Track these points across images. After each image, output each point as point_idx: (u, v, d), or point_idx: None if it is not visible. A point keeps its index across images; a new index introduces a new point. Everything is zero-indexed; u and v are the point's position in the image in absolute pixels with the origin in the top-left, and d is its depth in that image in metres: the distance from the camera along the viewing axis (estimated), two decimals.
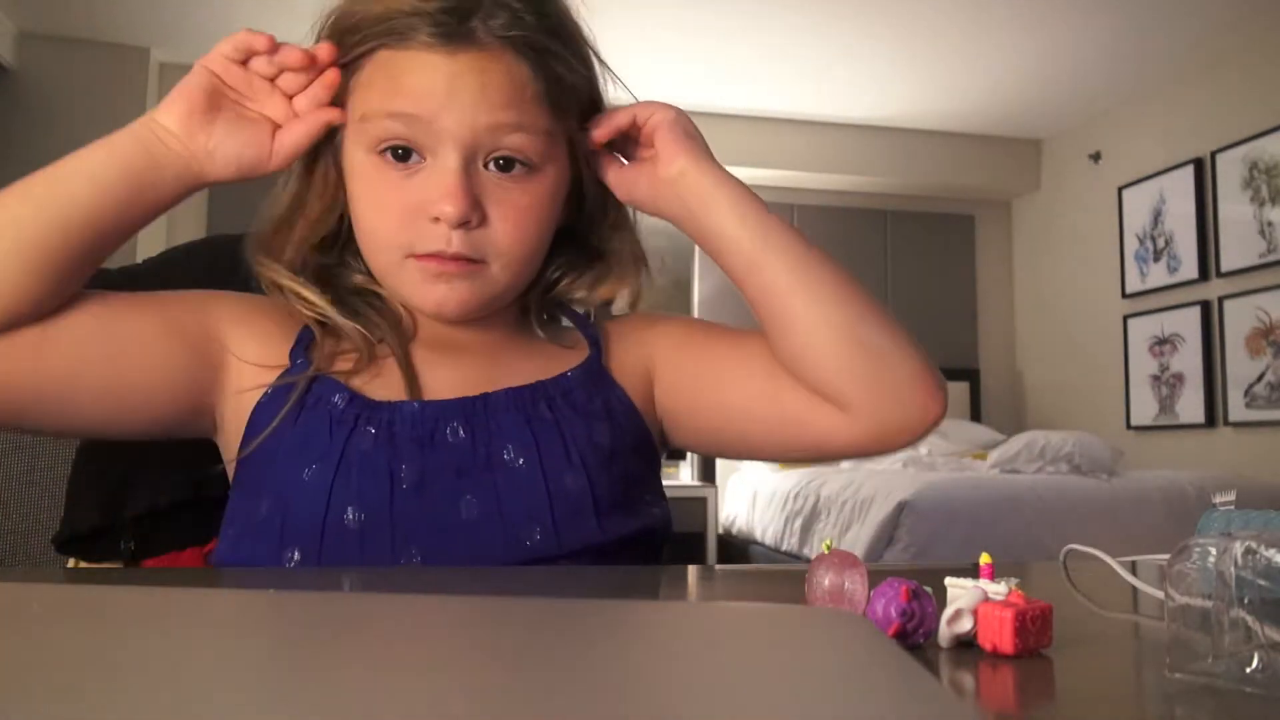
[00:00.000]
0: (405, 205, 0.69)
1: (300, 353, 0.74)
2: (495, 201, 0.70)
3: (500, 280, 0.72)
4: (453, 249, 0.69)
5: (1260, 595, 0.29)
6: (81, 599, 0.31)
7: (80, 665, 0.20)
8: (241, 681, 0.20)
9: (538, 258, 0.76)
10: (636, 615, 0.31)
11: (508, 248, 0.71)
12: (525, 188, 0.71)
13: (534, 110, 0.70)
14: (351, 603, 0.34)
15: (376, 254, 0.73)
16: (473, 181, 0.69)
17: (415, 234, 0.70)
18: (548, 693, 0.20)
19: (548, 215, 0.74)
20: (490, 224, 0.70)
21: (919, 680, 0.22)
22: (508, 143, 0.69)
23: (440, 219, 0.68)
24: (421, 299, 0.72)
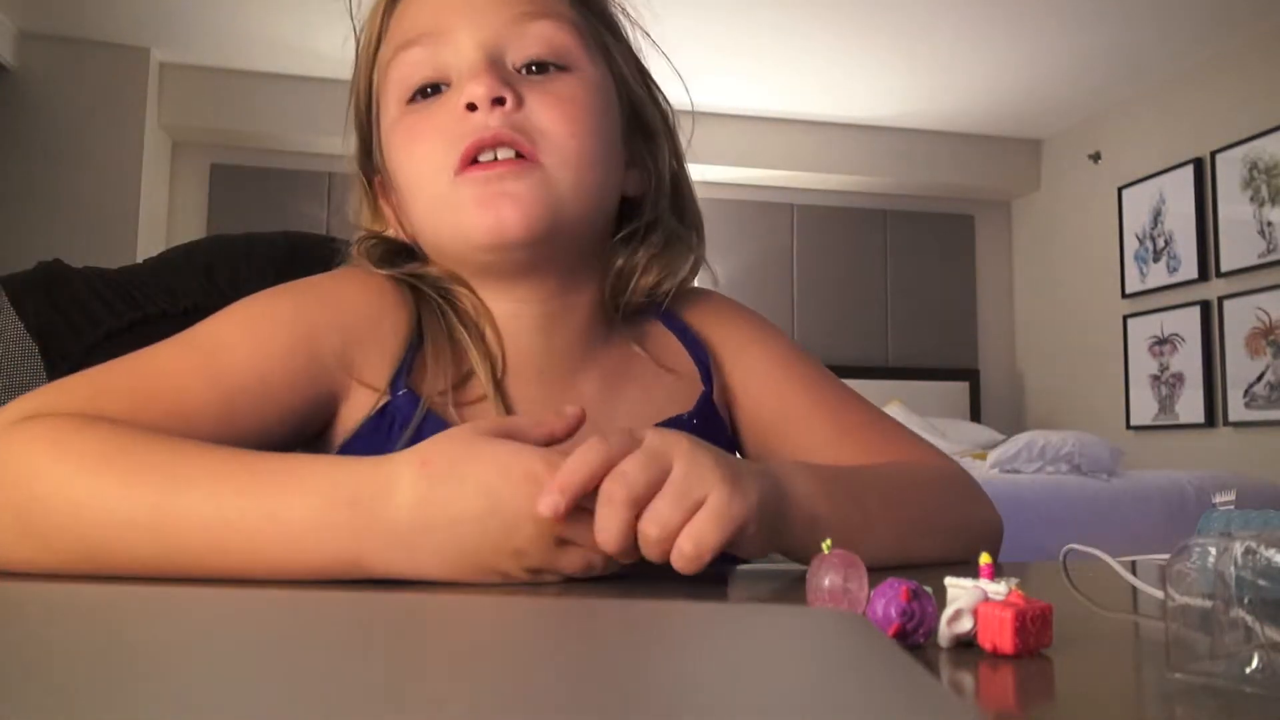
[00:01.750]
0: (438, 124, 0.65)
1: (402, 380, 0.65)
2: (533, 91, 0.65)
3: (561, 180, 0.64)
4: (492, 130, 0.63)
5: (1260, 595, 0.29)
6: (81, 599, 0.31)
7: (80, 665, 0.20)
8: (241, 681, 0.20)
9: (599, 172, 0.67)
10: (636, 615, 0.31)
11: (558, 135, 0.64)
12: (564, 81, 0.66)
13: (555, 1, 0.67)
14: (352, 602, 0.34)
15: (423, 192, 0.66)
16: (502, 70, 0.65)
17: (452, 139, 0.64)
18: (547, 692, 0.20)
19: (598, 113, 0.67)
20: (529, 107, 0.64)
21: (919, 680, 0.22)
22: (533, 33, 0.65)
23: (471, 101, 0.63)
24: (479, 222, 0.63)
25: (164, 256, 1.17)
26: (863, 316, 5.04)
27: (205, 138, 4.41)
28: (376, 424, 0.64)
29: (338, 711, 0.17)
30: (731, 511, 0.49)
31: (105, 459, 0.51)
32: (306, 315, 0.65)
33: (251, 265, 1.04)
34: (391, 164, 0.69)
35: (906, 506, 0.64)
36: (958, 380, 5.08)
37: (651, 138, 0.74)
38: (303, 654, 0.24)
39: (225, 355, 0.61)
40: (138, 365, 0.60)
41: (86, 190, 3.88)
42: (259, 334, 0.63)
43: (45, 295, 1.05)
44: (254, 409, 0.61)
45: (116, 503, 0.50)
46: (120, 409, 0.56)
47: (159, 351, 0.61)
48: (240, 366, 0.61)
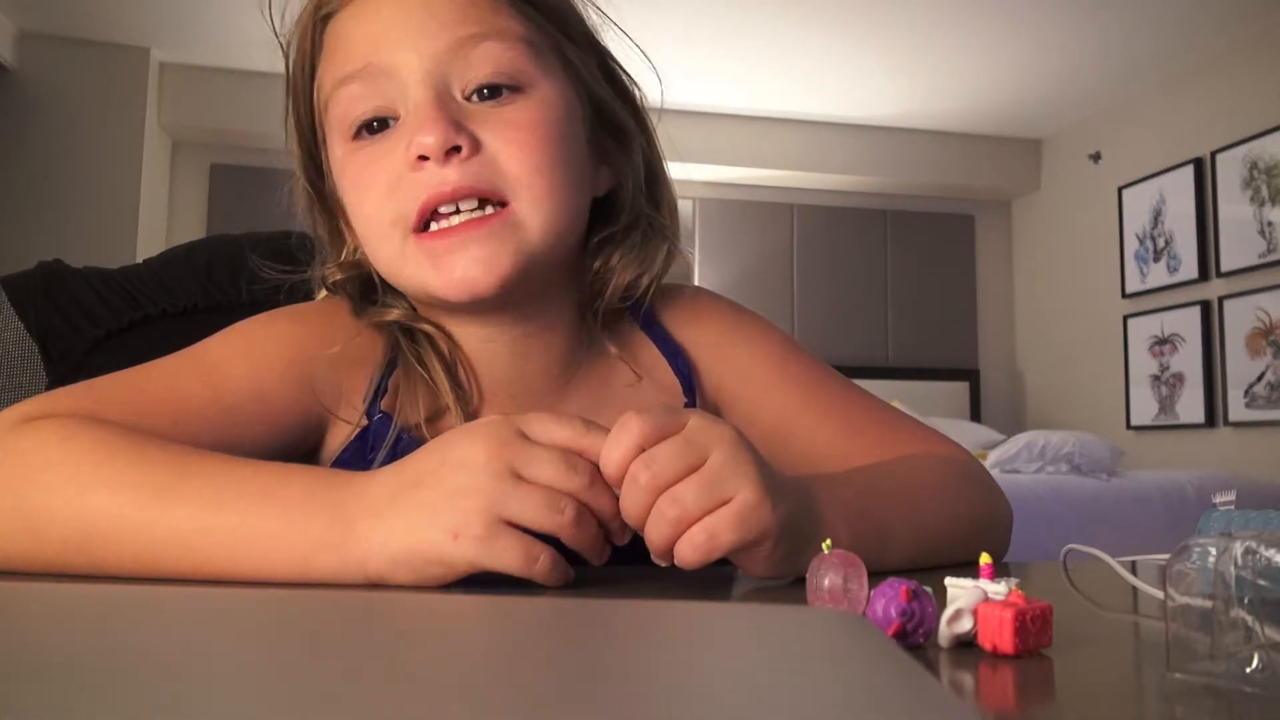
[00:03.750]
0: (386, 169, 0.60)
1: (377, 405, 0.65)
2: (487, 125, 0.60)
3: (531, 224, 0.60)
4: (450, 185, 0.58)
5: (1260, 595, 0.29)
6: (81, 599, 0.31)
7: (80, 665, 0.20)
8: (241, 681, 0.20)
9: (570, 198, 0.63)
10: (635, 615, 0.31)
11: (523, 174, 0.60)
12: (520, 106, 0.61)
13: (499, 17, 0.62)
14: (352, 602, 0.34)
15: (378, 248, 0.63)
16: (452, 109, 0.60)
17: (404, 194, 0.60)
18: (547, 692, 0.20)
19: (560, 136, 0.62)
20: (487, 149, 0.60)
21: (919, 680, 0.22)
22: (478, 57, 0.60)
23: (422, 153, 0.58)
24: (442, 281, 0.60)
25: (164, 256, 1.17)
26: (863, 316, 5.04)
27: (205, 138, 4.41)
28: (358, 448, 0.64)
29: (337, 712, 0.17)
30: (757, 516, 0.47)
31: (111, 454, 0.52)
32: (301, 340, 0.65)
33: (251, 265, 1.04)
34: (345, 201, 0.66)
35: (926, 520, 0.61)
36: (958, 380, 5.08)
37: (621, 133, 0.70)
38: (302, 654, 0.24)
39: (226, 369, 0.62)
40: (140, 375, 0.61)
41: (86, 190, 3.88)
42: (258, 353, 0.63)
43: (45, 295, 1.05)
44: (251, 424, 0.61)
45: (114, 499, 0.50)
46: (123, 415, 0.56)
47: (161, 364, 0.62)
48: (240, 382, 0.61)
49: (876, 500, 0.58)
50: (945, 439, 0.72)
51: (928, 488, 0.64)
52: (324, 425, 0.66)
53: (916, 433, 0.71)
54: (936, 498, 0.63)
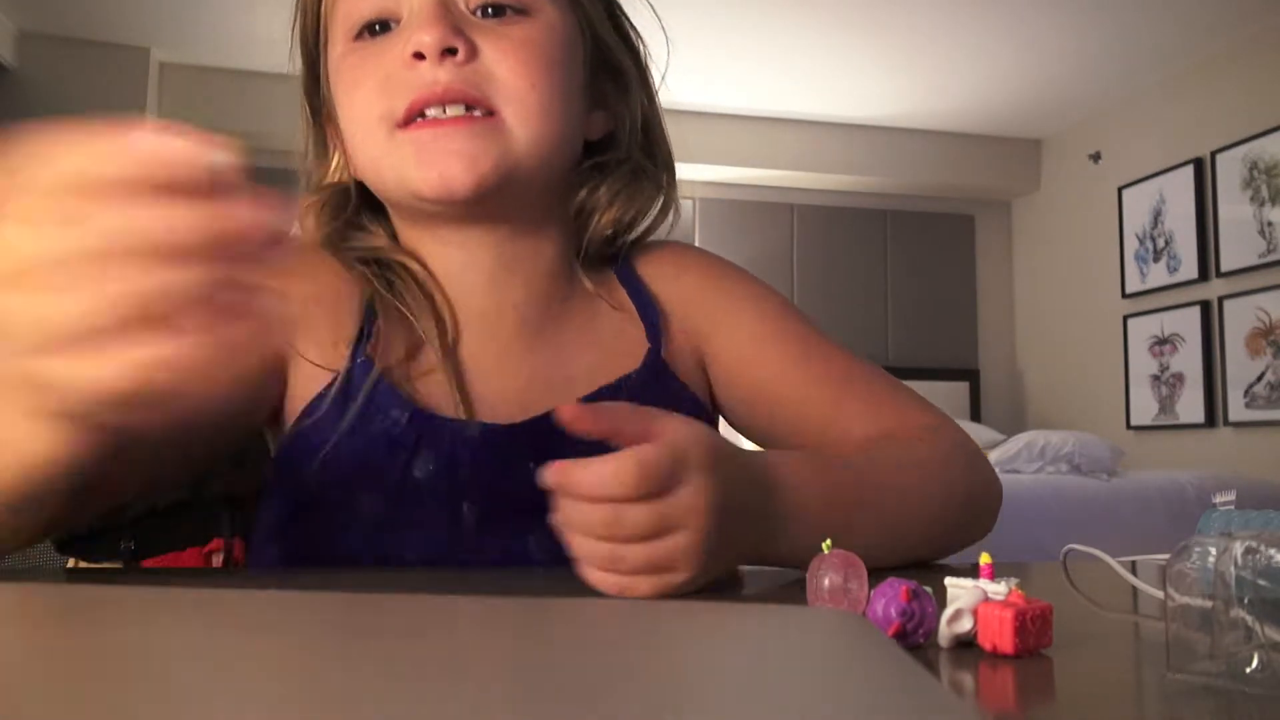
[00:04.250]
0: (382, 66, 0.61)
1: (361, 350, 0.63)
2: (487, 37, 0.61)
3: (518, 135, 0.61)
4: (442, 85, 0.59)
5: (1260, 595, 0.29)
6: (81, 599, 0.31)
7: (80, 665, 0.20)
8: (241, 681, 0.20)
9: (560, 121, 0.64)
10: (635, 615, 0.31)
11: (515, 86, 0.61)
12: (521, 26, 0.62)
13: None
14: (352, 602, 0.34)
15: (364, 144, 0.63)
16: (454, 14, 0.61)
17: (395, 90, 0.60)
18: (545, 692, 0.20)
19: (559, 61, 0.63)
20: (483, 57, 0.61)
21: (919, 680, 0.22)
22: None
23: (418, 51, 0.59)
24: (423, 178, 0.60)
25: None
26: (863, 316, 5.03)
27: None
28: (339, 397, 0.62)
29: (337, 712, 0.17)
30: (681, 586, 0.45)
31: None
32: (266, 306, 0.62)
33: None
34: (337, 102, 0.66)
35: (898, 527, 0.59)
36: (958, 380, 5.08)
37: (620, 78, 0.70)
38: (301, 654, 0.24)
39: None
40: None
41: None
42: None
43: None
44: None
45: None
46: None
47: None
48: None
49: (841, 514, 0.55)
50: (934, 410, 0.69)
51: (904, 490, 0.61)
52: (284, 369, 0.63)
53: (910, 402, 0.69)
54: (914, 502, 0.61)
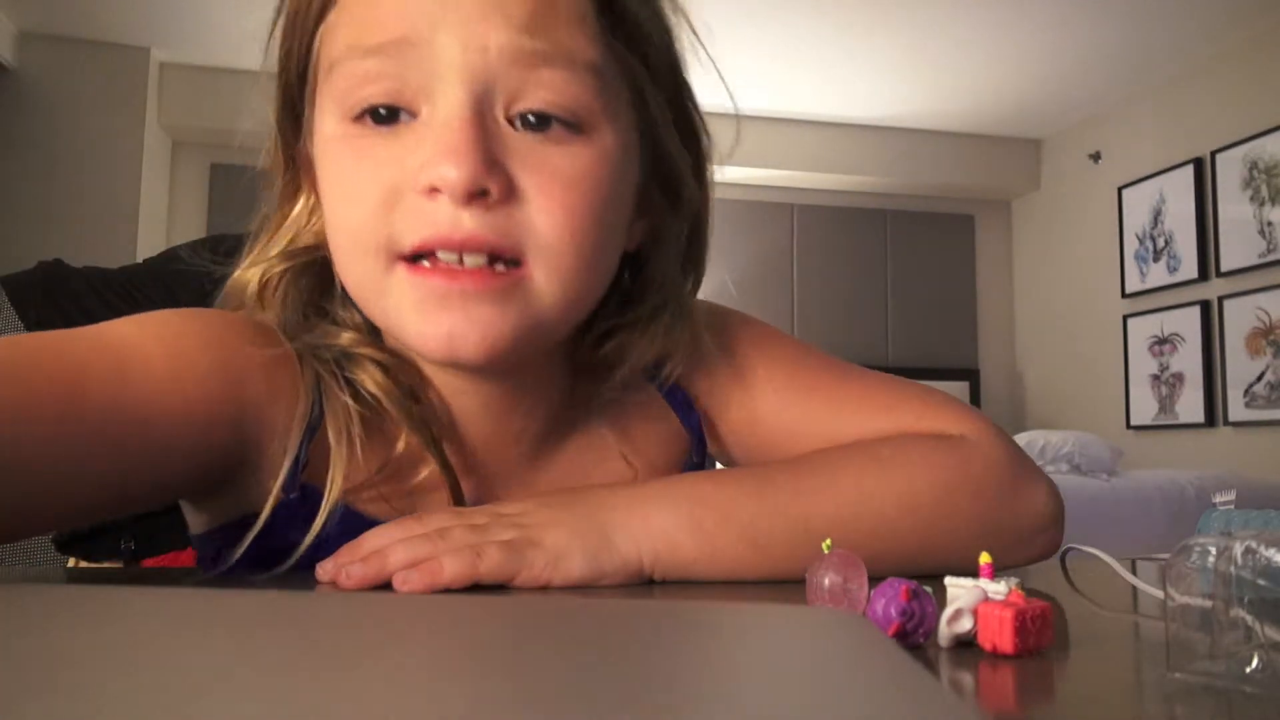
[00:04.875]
0: (388, 177, 0.48)
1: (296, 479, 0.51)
2: (528, 166, 0.48)
3: (545, 295, 0.49)
4: (465, 231, 0.47)
5: (1260, 595, 0.29)
6: (81, 599, 0.31)
7: (80, 665, 0.20)
8: (242, 681, 0.20)
9: (598, 270, 0.52)
10: (635, 614, 0.31)
11: (553, 239, 0.48)
12: (570, 151, 0.49)
13: (576, 34, 0.49)
14: (351, 603, 0.34)
15: (353, 266, 0.51)
16: (488, 134, 0.47)
17: (403, 218, 0.48)
18: (545, 692, 0.20)
19: (609, 197, 0.50)
20: (522, 197, 0.48)
21: (919, 680, 0.22)
22: (537, 80, 0.47)
23: (439, 188, 0.46)
24: (420, 334, 0.48)
25: (164, 256, 1.17)
26: (863, 316, 5.04)
27: (205, 138, 4.41)
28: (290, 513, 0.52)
29: (337, 712, 0.17)
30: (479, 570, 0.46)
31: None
32: (233, 345, 0.51)
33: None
34: (322, 190, 0.53)
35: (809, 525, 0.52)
36: (958, 380, 5.08)
37: (675, 191, 0.58)
38: (301, 654, 0.24)
39: (136, 347, 0.48)
40: (21, 346, 0.45)
41: (86, 190, 3.88)
42: (173, 340, 0.49)
43: (45, 295, 1.05)
44: (168, 418, 0.47)
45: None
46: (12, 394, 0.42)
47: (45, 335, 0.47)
48: (155, 365, 0.47)
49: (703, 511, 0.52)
50: (961, 420, 0.60)
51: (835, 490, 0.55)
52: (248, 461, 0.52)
53: (924, 407, 0.61)
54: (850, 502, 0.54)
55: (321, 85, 0.52)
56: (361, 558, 0.48)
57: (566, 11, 0.49)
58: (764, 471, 0.57)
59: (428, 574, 0.46)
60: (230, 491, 0.53)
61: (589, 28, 0.49)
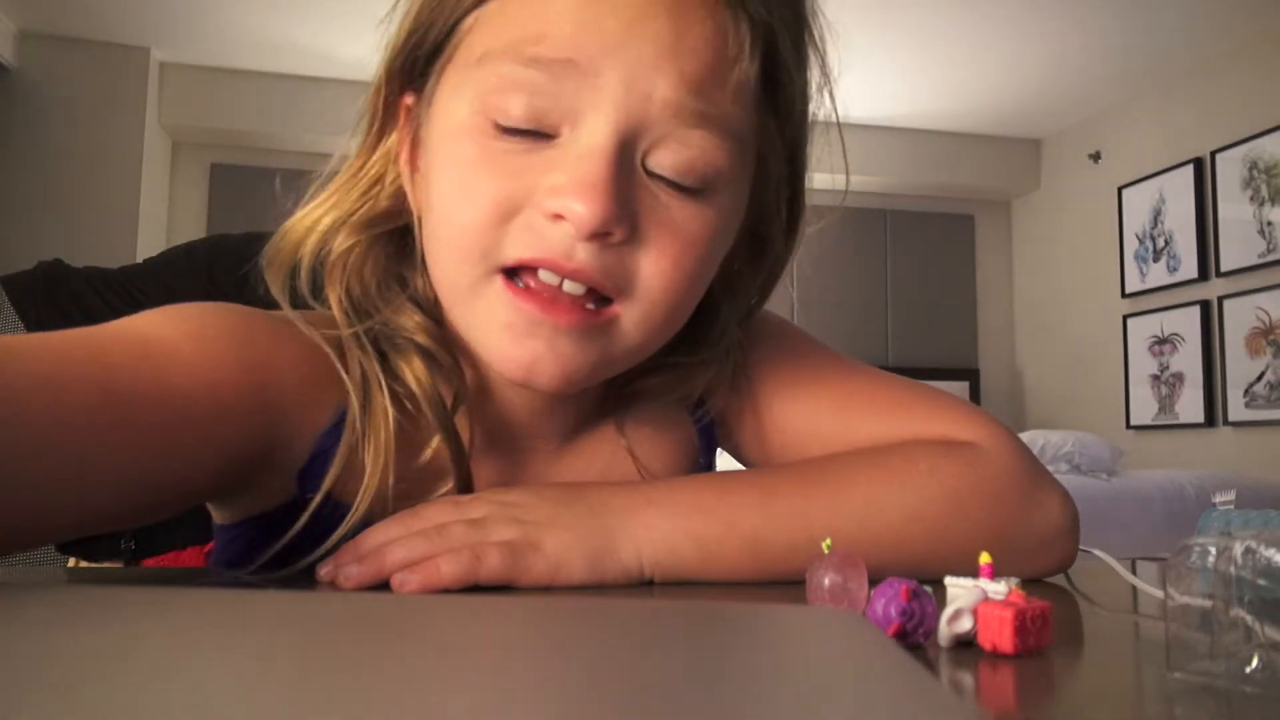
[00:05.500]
0: (512, 188, 0.47)
1: (319, 469, 0.51)
2: (653, 218, 0.48)
3: (627, 338, 0.50)
4: (576, 264, 0.46)
5: (1260, 595, 0.29)
6: (81, 599, 0.31)
7: (80, 665, 0.20)
8: (242, 681, 0.20)
9: (681, 318, 0.53)
10: (635, 613, 0.31)
11: (652, 289, 0.48)
12: (694, 210, 0.49)
13: (736, 102, 0.48)
14: (352, 602, 0.34)
15: (448, 264, 0.50)
16: (625, 178, 0.46)
17: (517, 232, 0.47)
18: (547, 692, 0.20)
19: (711, 253, 0.51)
20: (639, 247, 0.48)
21: (919, 680, 0.22)
22: (684, 139, 0.47)
23: (566, 218, 0.46)
24: (505, 354, 0.49)
25: (164, 256, 1.17)
26: (863, 316, 5.04)
27: (205, 138, 4.41)
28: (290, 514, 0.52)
29: (336, 711, 0.17)
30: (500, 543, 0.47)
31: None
32: (264, 342, 0.51)
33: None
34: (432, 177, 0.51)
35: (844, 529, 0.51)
36: (958, 380, 5.08)
37: (762, 250, 0.59)
38: (301, 654, 0.24)
39: (168, 346, 0.46)
40: (56, 344, 0.43)
41: (86, 190, 3.88)
42: (207, 339, 0.48)
43: (45, 295, 1.05)
44: (204, 420, 0.46)
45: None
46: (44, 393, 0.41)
47: (79, 332, 0.45)
48: (187, 360, 0.46)
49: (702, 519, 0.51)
50: (972, 427, 0.59)
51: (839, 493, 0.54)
52: (274, 459, 0.51)
53: (935, 410, 0.60)
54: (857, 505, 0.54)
55: (464, 68, 0.50)
56: (359, 558, 0.48)
57: (736, 79, 0.48)
58: (770, 480, 0.56)
59: (425, 576, 0.46)
60: (256, 487, 0.53)
61: (748, 97, 0.49)
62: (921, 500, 0.54)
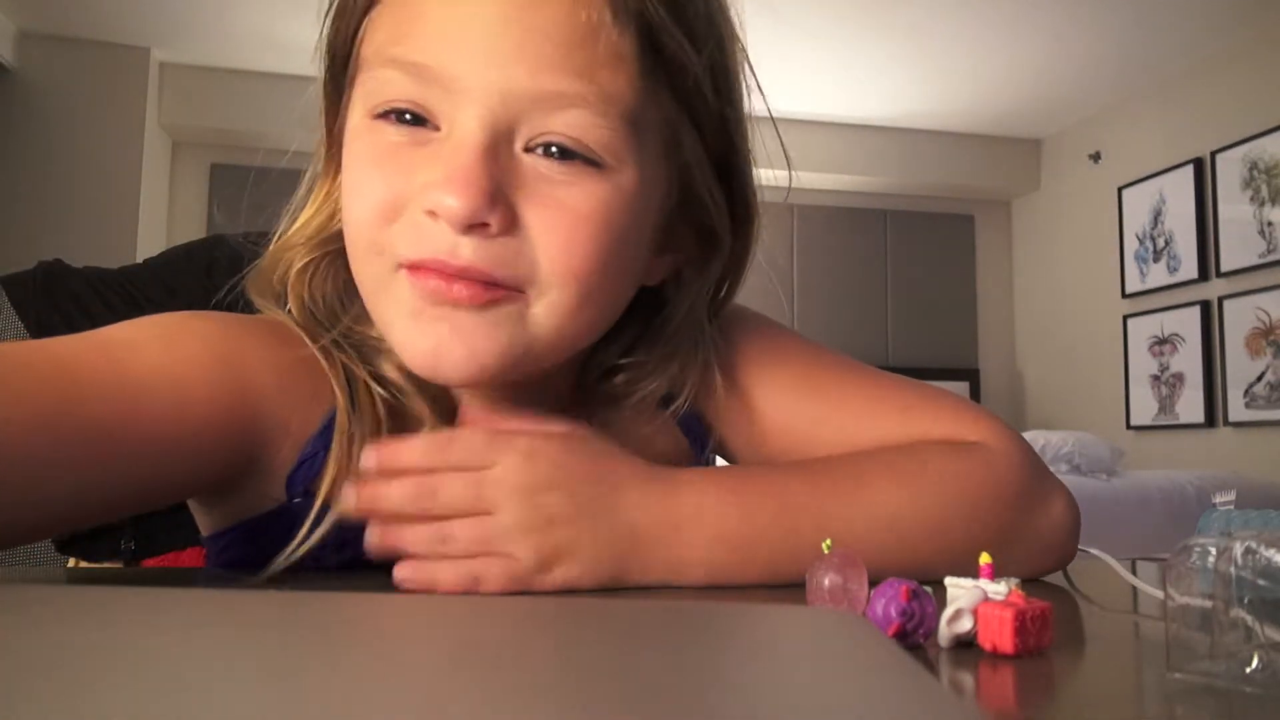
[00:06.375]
0: (396, 186, 0.48)
1: (308, 475, 0.51)
2: (535, 199, 0.47)
3: (541, 327, 0.49)
4: (461, 262, 0.46)
5: (1260, 595, 0.29)
6: (81, 599, 0.31)
7: (80, 665, 0.20)
8: (241, 681, 0.20)
9: (600, 307, 0.51)
10: (635, 613, 0.31)
11: (554, 274, 0.48)
12: (585, 187, 0.48)
13: (611, 78, 0.47)
14: (352, 602, 0.34)
15: (357, 263, 0.51)
16: (498, 166, 0.46)
17: (403, 231, 0.48)
18: (546, 692, 0.20)
19: (617, 235, 0.49)
20: (525, 230, 0.47)
21: (919, 680, 0.22)
22: (564, 121, 0.47)
23: (438, 213, 0.46)
24: (411, 343, 0.48)
25: (164, 256, 1.17)
26: (863, 316, 5.04)
27: (205, 138, 4.41)
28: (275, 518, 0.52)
29: (336, 711, 0.17)
30: (529, 581, 0.46)
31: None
32: (240, 344, 0.51)
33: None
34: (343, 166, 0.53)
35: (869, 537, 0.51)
36: (958, 380, 5.08)
37: (710, 240, 0.58)
38: (301, 654, 0.24)
39: (136, 349, 0.47)
40: (23, 349, 0.45)
41: (86, 190, 3.88)
42: (176, 342, 0.49)
43: (45, 295, 1.05)
44: (163, 417, 0.46)
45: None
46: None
47: (49, 340, 0.47)
48: (154, 360, 0.47)
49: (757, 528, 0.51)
50: (978, 426, 0.59)
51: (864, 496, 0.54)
52: (258, 464, 0.51)
53: (940, 410, 0.60)
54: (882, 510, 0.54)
55: (357, 75, 0.51)
56: (383, 524, 0.46)
57: (605, 52, 0.47)
58: (792, 495, 0.53)
59: (423, 582, 0.46)
60: (241, 493, 0.53)
61: (627, 68, 0.48)
62: (942, 506, 0.54)
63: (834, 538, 0.49)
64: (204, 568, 0.82)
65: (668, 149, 0.52)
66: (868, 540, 0.50)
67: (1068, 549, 0.58)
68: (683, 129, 0.53)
